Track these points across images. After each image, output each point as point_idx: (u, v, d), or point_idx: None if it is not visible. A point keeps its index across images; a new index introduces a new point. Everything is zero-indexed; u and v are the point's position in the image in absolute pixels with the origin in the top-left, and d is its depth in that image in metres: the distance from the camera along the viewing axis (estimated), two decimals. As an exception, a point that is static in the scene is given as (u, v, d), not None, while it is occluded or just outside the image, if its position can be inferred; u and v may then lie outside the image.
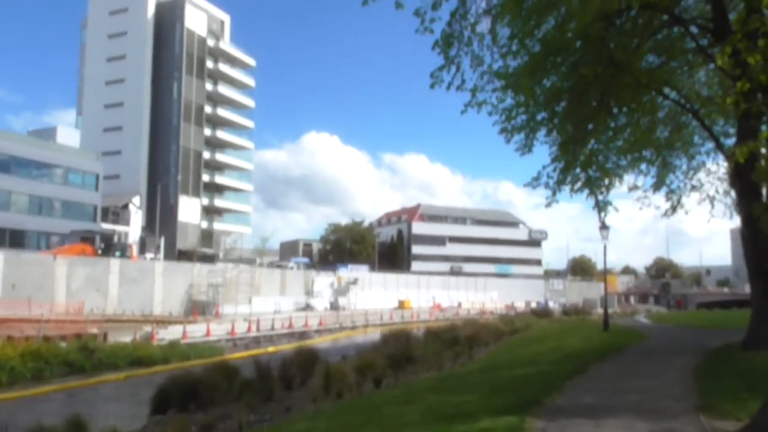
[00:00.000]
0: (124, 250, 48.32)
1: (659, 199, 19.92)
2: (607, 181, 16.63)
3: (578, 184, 15.99)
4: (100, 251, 45.61)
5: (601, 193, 16.49)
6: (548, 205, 15.58)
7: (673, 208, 18.40)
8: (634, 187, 18.36)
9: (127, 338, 29.76)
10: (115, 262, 43.47)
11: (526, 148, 15.55)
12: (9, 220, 55.06)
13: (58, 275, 39.41)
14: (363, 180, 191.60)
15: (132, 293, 43.36)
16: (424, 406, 9.68)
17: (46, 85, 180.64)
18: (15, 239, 54.88)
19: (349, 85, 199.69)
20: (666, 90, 16.09)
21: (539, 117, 15.20)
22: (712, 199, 17.63)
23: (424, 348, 22.09)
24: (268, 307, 51.32)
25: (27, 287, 35.62)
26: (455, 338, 26.81)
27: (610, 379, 11.47)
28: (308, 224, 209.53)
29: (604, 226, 23.66)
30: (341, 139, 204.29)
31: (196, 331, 33.80)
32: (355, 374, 17.01)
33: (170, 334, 32.04)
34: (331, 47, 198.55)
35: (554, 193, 15.23)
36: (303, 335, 40.62)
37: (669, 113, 17.75)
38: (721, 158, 17.77)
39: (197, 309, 45.32)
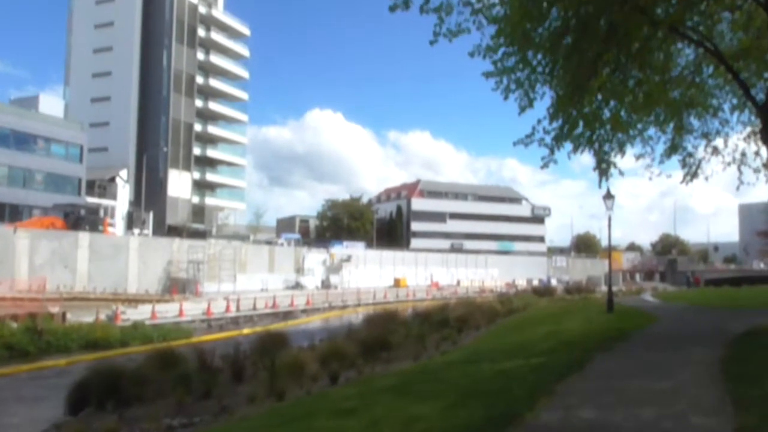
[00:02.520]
0: (96, 224, 45.58)
1: (669, 168, 17.47)
2: (614, 141, 14.04)
3: (581, 141, 13.41)
4: (70, 225, 43.00)
5: (606, 153, 13.92)
6: (545, 165, 12.97)
7: (692, 175, 15.69)
8: (641, 156, 15.69)
9: (90, 318, 27.44)
10: (84, 236, 40.84)
11: (526, 102, 12.97)
12: (-14, 193, 52.77)
13: (20, 249, 36.82)
14: (367, 157, 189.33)
15: (104, 270, 40.86)
16: (368, 420, 7.25)
17: (51, 60, 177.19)
18: (-7, 212, 52.55)
19: (352, 62, 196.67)
20: (686, 31, 13.38)
21: (537, 66, 12.61)
22: (740, 162, 14.96)
23: (407, 332, 19.71)
24: (254, 285, 48.92)
25: (-20, 262, 33.25)
26: (445, 320, 24.47)
27: (614, 377, 8.99)
28: (313, 202, 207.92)
29: (608, 195, 21.08)
30: (345, 116, 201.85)
31: (169, 311, 31.43)
32: (318, 365, 14.69)
33: (139, 314, 29.70)
34: (333, 23, 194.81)
35: (552, 151, 12.63)
36: (288, 315, 38.29)
37: (686, 65, 15.05)
38: (747, 115, 15.21)
39: (176, 287, 42.88)
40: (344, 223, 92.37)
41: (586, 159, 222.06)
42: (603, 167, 13.78)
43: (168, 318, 30.33)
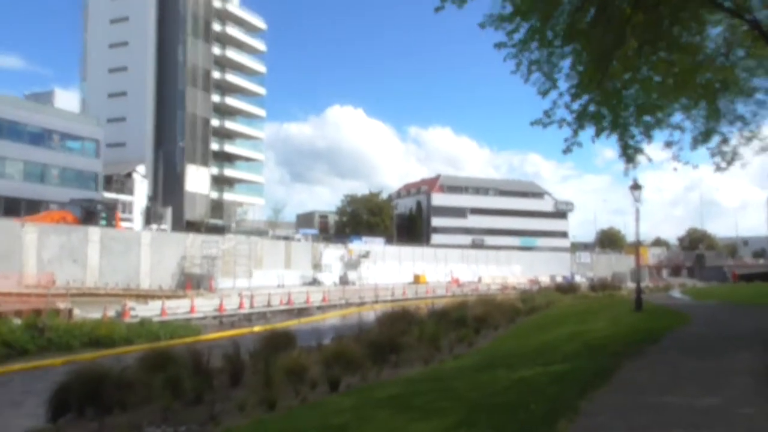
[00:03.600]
0: (109, 218, 44.96)
1: (698, 157, 16.07)
2: (641, 124, 12.75)
3: (604, 124, 12.15)
4: (81, 219, 42.41)
5: (632, 138, 12.62)
6: (567, 149, 11.71)
7: (728, 162, 14.25)
8: (669, 144, 14.30)
9: (99, 315, 26.74)
10: (94, 231, 40.23)
11: (550, 84, 11.76)
12: (3, 188, 52.46)
13: (27, 244, 36.23)
14: (388, 153, 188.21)
15: (116, 265, 40.26)
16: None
17: (69, 56, 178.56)
18: (10, 208, 52.26)
19: (372, 57, 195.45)
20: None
21: (554, 39, 11.37)
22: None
23: (420, 332, 18.51)
24: (270, 281, 48.05)
25: (-11, 256, 32.73)
26: (462, 318, 23.21)
27: (648, 390, 7.77)
28: (334, 198, 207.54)
29: (636, 186, 19.68)
30: (366, 111, 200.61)
31: (179, 308, 30.65)
32: (321, 368, 13.62)
33: (149, 310, 28.95)
34: (352, 17, 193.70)
35: (575, 132, 11.38)
36: (302, 312, 37.32)
37: (718, 44, 13.60)
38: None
39: (191, 283, 42.21)
40: (363, 219, 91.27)
41: (610, 153, 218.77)
42: (629, 153, 12.48)
43: (178, 315, 29.56)
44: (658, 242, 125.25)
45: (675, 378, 8.42)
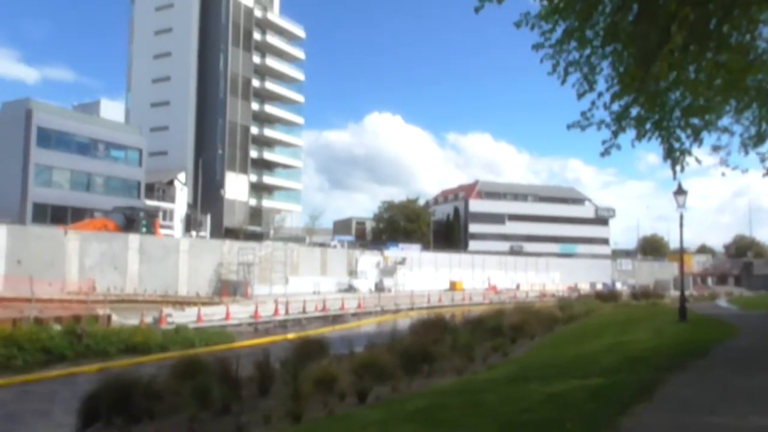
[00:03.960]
0: (149, 225, 45.73)
1: (748, 162, 15.35)
2: (688, 127, 12.11)
3: (647, 126, 11.59)
4: (122, 227, 43.18)
5: (678, 140, 11.99)
6: (606, 152, 11.16)
7: None
8: (717, 149, 13.58)
9: (137, 321, 27.05)
10: (134, 238, 40.95)
11: (587, 86, 11.27)
12: (50, 196, 53.98)
13: (70, 251, 37.09)
14: (427, 160, 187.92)
15: (155, 271, 40.87)
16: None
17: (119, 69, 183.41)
18: (57, 216, 53.68)
19: (410, 63, 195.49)
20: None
21: (594, 39, 10.91)
22: None
23: (454, 340, 18.10)
24: (306, 287, 48.14)
25: (34, 264, 33.31)
26: (498, 327, 22.67)
27: (695, 409, 7.27)
28: (372, 204, 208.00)
29: (680, 191, 18.93)
30: (404, 118, 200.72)
31: (215, 314, 30.82)
32: (352, 377, 13.37)
33: (185, 316, 29.16)
34: (389, 24, 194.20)
35: (615, 134, 10.88)
36: (338, 319, 37.23)
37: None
38: None
39: (227, 289, 42.54)
40: (401, 225, 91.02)
41: (653, 158, 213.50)
42: (675, 156, 11.87)
43: (214, 321, 29.72)
44: (703, 249, 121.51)
45: (724, 396, 7.89)
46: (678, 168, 12.27)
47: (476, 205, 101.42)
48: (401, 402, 9.67)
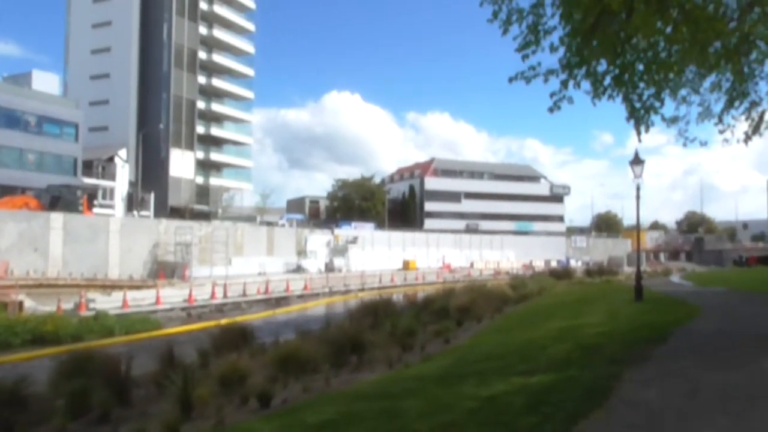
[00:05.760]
0: (73, 203, 42.35)
1: (704, 133, 14.10)
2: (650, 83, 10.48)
3: (607, 81, 9.94)
4: (47, 206, 39.92)
5: (640, 96, 10.38)
6: (554, 107, 9.52)
7: (755, 129, 12.05)
8: (674, 120, 12.08)
9: (53, 307, 24.63)
10: (56, 217, 37.73)
11: (532, 38, 9.56)
12: (-24, 173, 50.28)
13: (-18, 231, 34.10)
14: (387, 139, 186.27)
15: (81, 253, 37.92)
16: None
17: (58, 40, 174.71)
18: (-18, 194, 50.01)
19: (369, 43, 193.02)
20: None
21: None
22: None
23: (393, 326, 16.41)
24: (251, 268, 45.84)
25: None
26: (445, 309, 21.16)
27: (660, 419, 5.68)
28: (332, 184, 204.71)
29: (637, 160, 17.54)
30: (363, 97, 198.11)
31: (146, 299, 28.49)
32: (271, 371, 11.63)
33: (110, 302, 26.79)
34: (349, 2, 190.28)
35: (565, 84, 9.23)
36: (281, 301, 35.23)
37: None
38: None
39: (164, 272, 39.96)
40: (355, 204, 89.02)
41: (608, 138, 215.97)
42: (639, 114, 10.21)
43: (143, 306, 27.44)
44: (655, 226, 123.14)
45: (694, 399, 6.32)
46: (642, 128, 10.66)
47: (432, 183, 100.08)
48: (306, 409, 7.88)
